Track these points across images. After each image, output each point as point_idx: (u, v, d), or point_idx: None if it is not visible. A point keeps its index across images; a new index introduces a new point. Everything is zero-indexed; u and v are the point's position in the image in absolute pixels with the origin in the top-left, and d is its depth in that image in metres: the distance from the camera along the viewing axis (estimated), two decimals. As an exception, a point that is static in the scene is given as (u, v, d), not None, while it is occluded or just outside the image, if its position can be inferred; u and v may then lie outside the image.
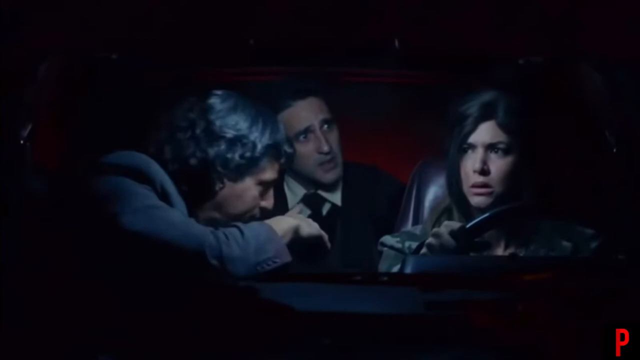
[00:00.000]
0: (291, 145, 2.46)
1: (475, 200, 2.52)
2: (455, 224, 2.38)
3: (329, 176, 3.17)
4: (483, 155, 2.53)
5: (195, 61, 3.09)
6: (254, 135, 2.37)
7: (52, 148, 2.91)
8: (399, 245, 2.57)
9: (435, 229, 2.40)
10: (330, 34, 2.89)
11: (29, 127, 2.76)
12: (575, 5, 2.55)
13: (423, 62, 3.14)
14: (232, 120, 2.38)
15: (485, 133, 2.54)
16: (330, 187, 3.21)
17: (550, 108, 2.88)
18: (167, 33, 2.83)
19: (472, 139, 2.54)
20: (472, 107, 2.57)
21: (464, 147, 2.55)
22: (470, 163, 2.53)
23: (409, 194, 2.94)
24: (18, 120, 2.72)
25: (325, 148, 3.13)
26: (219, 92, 2.43)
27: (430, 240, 2.38)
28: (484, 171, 2.52)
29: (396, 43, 2.90)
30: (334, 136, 3.17)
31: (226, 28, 2.82)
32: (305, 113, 3.16)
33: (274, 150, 2.40)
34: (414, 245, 2.53)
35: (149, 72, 3.10)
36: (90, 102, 3.02)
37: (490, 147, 2.54)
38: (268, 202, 2.44)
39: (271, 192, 2.45)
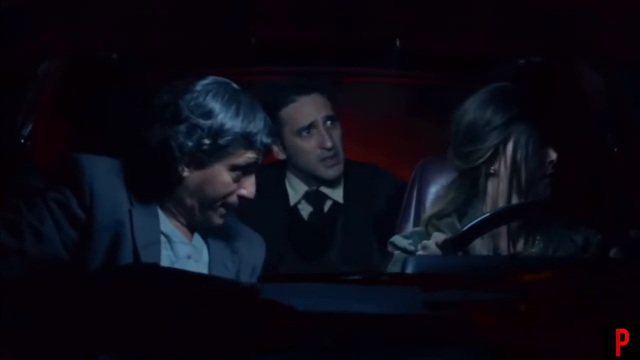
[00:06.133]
0: (269, 136, 2.39)
1: (548, 192, 2.49)
2: (441, 236, 2.34)
3: (331, 172, 3.18)
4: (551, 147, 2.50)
5: (195, 61, 3.10)
6: (221, 121, 2.32)
7: (52, 148, 2.91)
8: (412, 248, 2.51)
9: (423, 242, 2.37)
10: (331, 34, 2.88)
11: (29, 127, 2.76)
12: (576, 5, 2.54)
13: (423, 62, 3.14)
14: (202, 105, 2.33)
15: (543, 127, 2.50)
16: (332, 184, 3.22)
17: (550, 108, 2.88)
18: (167, 33, 2.82)
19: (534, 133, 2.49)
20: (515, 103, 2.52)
21: (537, 142, 2.49)
22: (548, 154, 2.50)
23: (410, 193, 2.94)
24: (18, 120, 2.73)
25: (329, 144, 3.14)
26: (207, 78, 2.39)
27: (420, 252, 2.36)
28: (553, 162, 2.50)
29: (397, 43, 2.90)
30: (336, 133, 3.18)
31: (226, 28, 2.82)
32: (309, 109, 3.16)
33: (245, 137, 2.34)
34: None
35: (149, 72, 3.11)
36: (90, 102, 3.03)
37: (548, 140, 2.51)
38: (248, 191, 2.40)
39: (251, 181, 2.40)
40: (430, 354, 1.51)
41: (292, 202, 3.25)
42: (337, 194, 3.24)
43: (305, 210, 3.26)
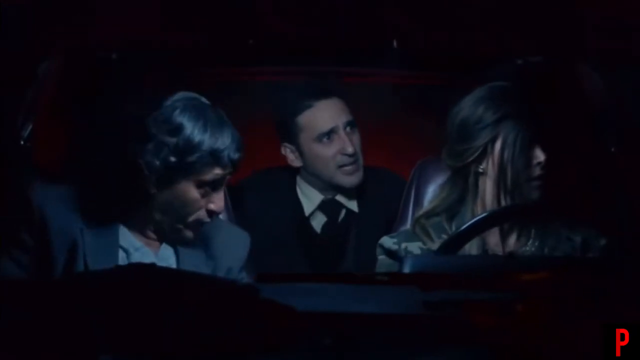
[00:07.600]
0: (237, 152, 2.38)
1: (536, 193, 2.47)
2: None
3: (351, 179, 3.10)
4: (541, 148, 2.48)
5: (195, 61, 3.10)
6: (188, 138, 2.33)
7: (52, 148, 2.91)
8: (395, 247, 2.52)
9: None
10: (331, 34, 2.88)
11: (29, 127, 2.76)
12: (576, 5, 2.55)
13: (422, 62, 3.14)
14: (169, 122, 2.34)
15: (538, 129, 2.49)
16: (348, 192, 3.14)
17: (549, 108, 2.88)
18: (167, 33, 2.83)
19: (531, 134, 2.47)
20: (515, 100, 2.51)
21: (525, 142, 2.47)
22: (536, 155, 2.47)
23: (408, 193, 2.94)
24: (18, 120, 2.73)
25: (350, 149, 3.06)
26: (176, 94, 2.39)
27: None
28: (541, 163, 2.47)
29: (395, 43, 2.90)
30: (356, 138, 3.10)
31: (226, 28, 2.82)
32: (329, 114, 3.09)
33: (213, 154, 2.34)
34: (410, 247, 2.50)
35: (149, 72, 3.10)
36: (90, 102, 3.03)
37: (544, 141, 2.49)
38: (216, 206, 2.40)
39: (219, 196, 2.40)
40: (430, 354, 1.51)
41: (306, 212, 3.19)
42: (353, 204, 3.17)
43: (320, 220, 3.18)
